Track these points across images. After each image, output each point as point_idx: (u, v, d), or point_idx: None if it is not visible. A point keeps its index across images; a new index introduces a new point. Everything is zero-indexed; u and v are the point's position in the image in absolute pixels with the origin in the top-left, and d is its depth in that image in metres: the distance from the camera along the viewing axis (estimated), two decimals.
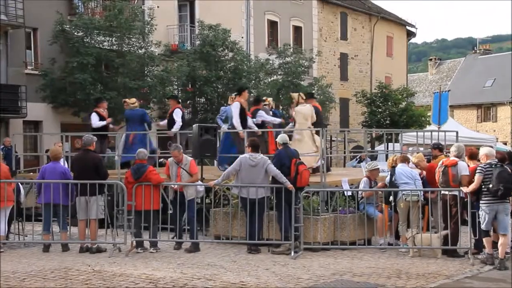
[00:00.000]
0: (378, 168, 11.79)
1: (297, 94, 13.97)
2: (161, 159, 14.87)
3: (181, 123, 14.47)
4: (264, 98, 15.44)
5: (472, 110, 52.70)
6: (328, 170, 12.78)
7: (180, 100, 15.73)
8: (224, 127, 13.93)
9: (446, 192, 10.29)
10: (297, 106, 13.36)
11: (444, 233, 10.26)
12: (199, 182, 11.19)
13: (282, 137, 11.25)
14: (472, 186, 9.81)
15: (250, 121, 13.60)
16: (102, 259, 10.07)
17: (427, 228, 10.85)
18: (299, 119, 13.22)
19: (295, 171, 10.61)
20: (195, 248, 10.82)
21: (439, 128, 18.17)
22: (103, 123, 14.53)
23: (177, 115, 14.49)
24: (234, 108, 13.41)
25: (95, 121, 14.46)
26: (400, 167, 11.03)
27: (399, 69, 45.18)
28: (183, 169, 11.01)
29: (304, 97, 13.69)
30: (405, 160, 11.30)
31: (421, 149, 15.31)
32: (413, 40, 57.34)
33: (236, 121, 13.28)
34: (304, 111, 13.18)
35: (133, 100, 14.95)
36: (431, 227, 10.74)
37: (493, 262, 9.60)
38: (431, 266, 9.55)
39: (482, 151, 10.05)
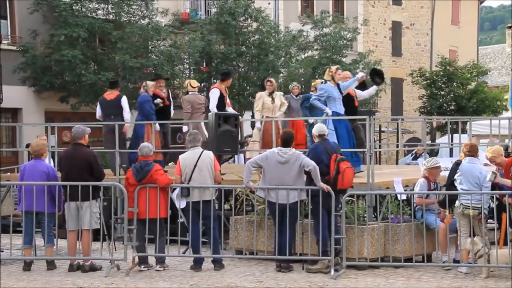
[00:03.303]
0: (440, 166, 11.68)
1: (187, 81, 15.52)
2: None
3: None
4: None
5: None
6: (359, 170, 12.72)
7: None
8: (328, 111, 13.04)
9: None
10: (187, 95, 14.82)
11: None
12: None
13: (319, 128, 11.19)
14: None
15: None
16: (96, 279, 10.16)
17: (505, 242, 10.73)
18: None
19: (336, 170, 10.59)
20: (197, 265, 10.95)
21: None
22: None
23: None
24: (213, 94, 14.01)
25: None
26: (468, 165, 10.86)
27: (468, 41, 44.71)
28: None
29: (194, 85, 14.88)
30: (474, 151, 11.10)
31: (496, 141, 15.18)
32: (486, 3, 56.88)
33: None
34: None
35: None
36: (510, 240, 10.63)
37: None
38: None
39: None
